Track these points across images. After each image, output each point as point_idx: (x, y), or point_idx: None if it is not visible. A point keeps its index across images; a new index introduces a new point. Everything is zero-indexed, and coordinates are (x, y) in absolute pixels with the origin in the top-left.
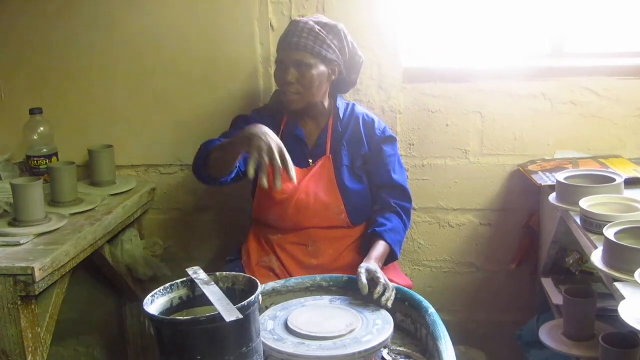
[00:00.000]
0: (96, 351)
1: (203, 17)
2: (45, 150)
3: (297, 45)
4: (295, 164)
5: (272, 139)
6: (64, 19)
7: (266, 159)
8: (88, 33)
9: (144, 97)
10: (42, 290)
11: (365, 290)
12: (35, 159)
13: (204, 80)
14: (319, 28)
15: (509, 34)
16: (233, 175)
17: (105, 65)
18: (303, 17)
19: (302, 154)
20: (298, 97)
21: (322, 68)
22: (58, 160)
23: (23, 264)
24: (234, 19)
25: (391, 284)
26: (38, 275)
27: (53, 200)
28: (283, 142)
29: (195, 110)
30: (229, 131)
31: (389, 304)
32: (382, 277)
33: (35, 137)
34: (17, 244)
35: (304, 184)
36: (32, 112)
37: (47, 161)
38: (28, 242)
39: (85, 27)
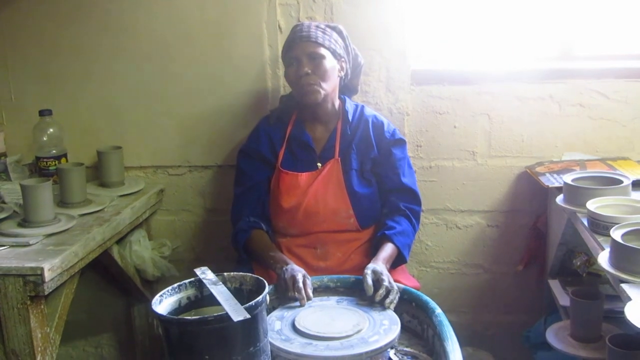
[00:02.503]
0: (104, 351)
1: (211, 19)
2: (54, 151)
3: (309, 37)
4: (303, 168)
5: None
6: (74, 21)
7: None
8: (97, 35)
9: (152, 98)
10: (51, 290)
11: (370, 291)
12: (45, 160)
13: (212, 81)
14: (323, 26)
15: (517, 36)
16: None
17: (114, 67)
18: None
19: (311, 158)
20: (316, 88)
21: (333, 61)
22: (67, 161)
23: (32, 264)
24: (242, 21)
25: (396, 287)
26: (47, 275)
27: (62, 201)
28: (289, 147)
29: (204, 112)
30: (238, 173)
31: (392, 307)
32: (387, 279)
33: (44, 139)
34: (27, 245)
35: (312, 189)
36: (42, 113)
37: (56, 162)
38: (37, 242)
39: (94, 30)
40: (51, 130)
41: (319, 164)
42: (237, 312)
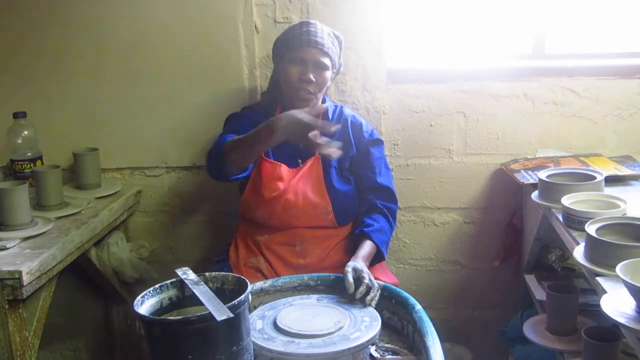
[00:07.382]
0: (83, 354)
1: (188, 20)
2: (29, 154)
3: (323, 45)
4: (285, 163)
5: (302, 121)
6: (49, 22)
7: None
8: (73, 36)
9: (128, 99)
10: (29, 294)
11: (351, 288)
12: (20, 162)
13: (189, 82)
14: (333, 35)
15: (491, 35)
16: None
17: (89, 68)
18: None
19: (292, 154)
20: (312, 97)
21: (330, 72)
22: (42, 163)
23: (10, 268)
24: (219, 22)
25: (376, 284)
26: (25, 279)
27: (38, 204)
28: None
29: (181, 113)
30: (226, 130)
31: (373, 304)
32: (367, 276)
33: (19, 141)
34: (4, 248)
35: (293, 184)
36: (16, 115)
37: (32, 165)
38: (14, 246)
39: (70, 31)
40: (26, 132)
41: (299, 161)
42: (220, 312)
